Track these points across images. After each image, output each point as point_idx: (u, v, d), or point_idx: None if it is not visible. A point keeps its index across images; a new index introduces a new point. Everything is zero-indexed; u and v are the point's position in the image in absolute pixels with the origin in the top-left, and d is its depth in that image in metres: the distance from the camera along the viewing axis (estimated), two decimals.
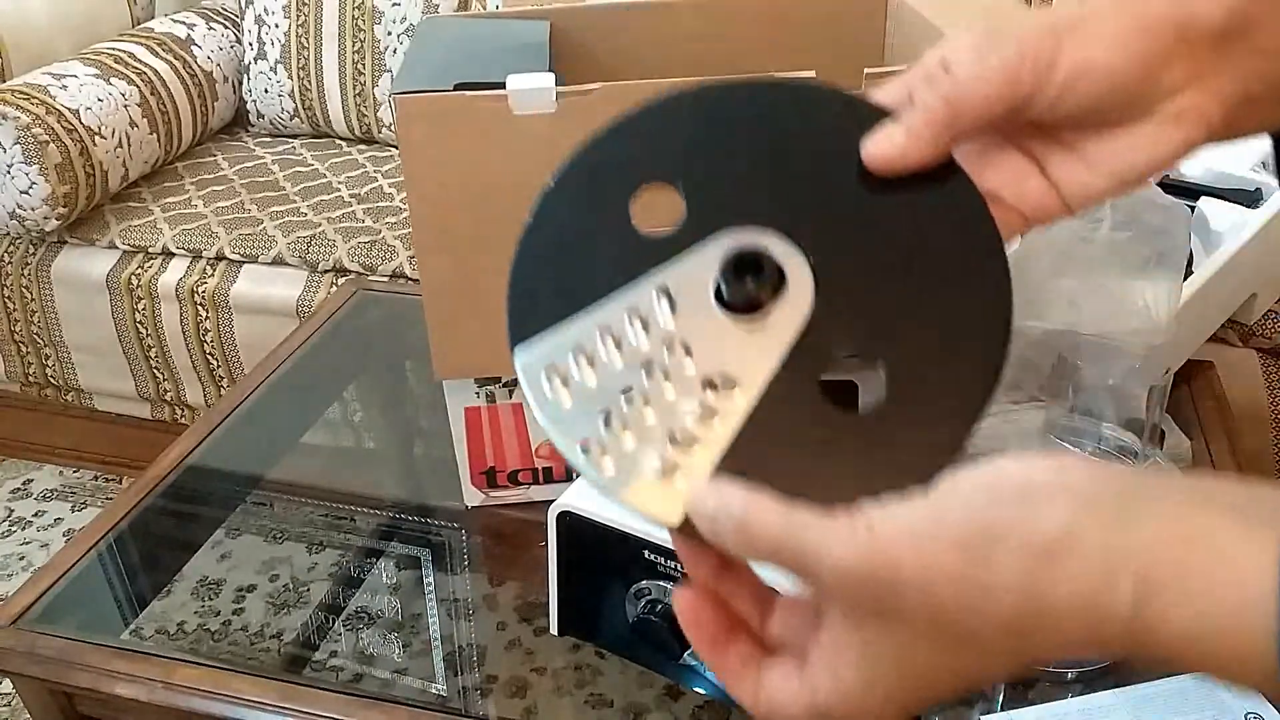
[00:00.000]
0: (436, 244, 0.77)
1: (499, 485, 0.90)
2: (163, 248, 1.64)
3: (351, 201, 1.72)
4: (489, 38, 0.87)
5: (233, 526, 0.93)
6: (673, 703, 0.72)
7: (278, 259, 1.59)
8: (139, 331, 1.67)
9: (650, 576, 0.69)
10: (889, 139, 0.37)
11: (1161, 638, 0.28)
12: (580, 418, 0.36)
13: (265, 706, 0.74)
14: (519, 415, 0.86)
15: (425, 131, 0.73)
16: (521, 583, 0.84)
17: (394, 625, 0.81)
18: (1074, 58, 0.35)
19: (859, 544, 0.31)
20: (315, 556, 0.89)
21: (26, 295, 1.70)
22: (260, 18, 1.92)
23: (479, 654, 0.78)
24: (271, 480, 0.99)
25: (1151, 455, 0.76)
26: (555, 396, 0.37)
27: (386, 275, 1.55)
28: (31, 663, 0.78)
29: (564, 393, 0.37)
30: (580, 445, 0.36)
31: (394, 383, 1.18)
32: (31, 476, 1.90)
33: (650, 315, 0.37)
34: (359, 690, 0.75)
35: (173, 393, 1.72)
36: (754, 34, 0.94)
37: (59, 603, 0.83)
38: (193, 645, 0.80)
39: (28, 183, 1.58)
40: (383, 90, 1.87)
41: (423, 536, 0.90)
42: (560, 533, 0.72)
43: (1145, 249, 0.82)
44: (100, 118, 1.67)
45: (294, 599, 0.84)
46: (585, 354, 0.37)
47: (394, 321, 1.29)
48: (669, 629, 0.67)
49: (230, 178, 1.82)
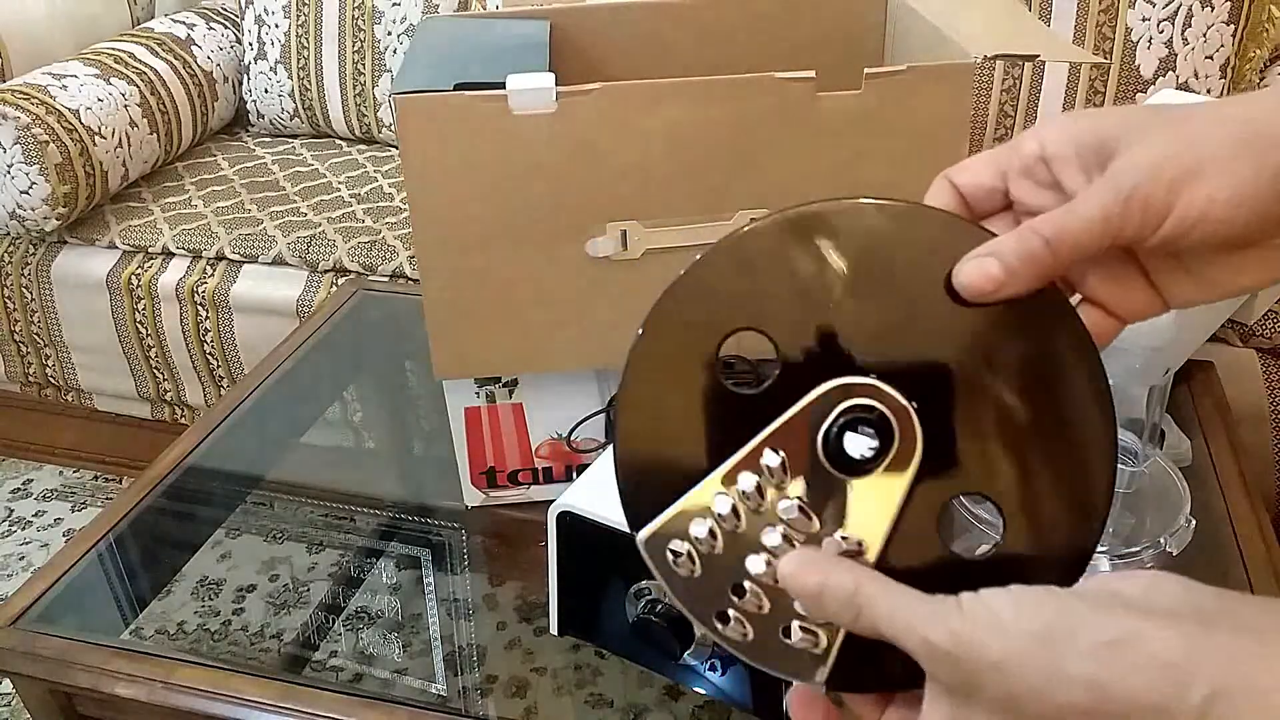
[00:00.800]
0: (436, 244, 0.77)
1: (499, 485, 0.90)
2: (163, 248, 1.64)
3: (351, 201, 1.72)
4: (489, 37, 0.87)
5: (233, 526, 0.93)
6: (673, 703, 0.72)
7: (278, 259, 1.59)
8: (139, 331, 1.67)
9: (650, 577, 0.68)
10: (983, 271, 0.36)
11: None
12: (710, 589, 0.37)
13: (265, 706, 0.74)
14: (519, 415, 0.86)
15: (425, 131, 0.73)
16: (521, 583, 0.84)
17: (394, 625, 0.81)
18: (1188, 211, 0.35)
19: (950, 625, 0.32)
20: (315, 556, 0.89)
21: (26, 295, 1.70)
22: (260, 18, 1.92)
23: (479, 654, 0.78)
24: (271, 480, 0.99)
25: (1151, 455, 0.76)
26: (683, 571, 0.38)
27: (386, 275, 1.55)
28: (31, 663, 0.78)
29: (691, 567, 0.38)
30: (716, 616, 0.37)
31: (394, 383, 1.18)
32: (31, 476, 1.90)
33: (764, 479, 0.37)
34: (359, 690, 0.75)
35: (173, 393, 1.72)
36: (754, 34, 0.94)
37: (59, 603, 0.83)
38: (193, 645, 0.80)
39: (28, 183, 1.58)
40: (383, 90, 1.87)
41: (423, 536, 0.90)
42: (560, 533, 0.72)
43: None
44: (100, 118, 1.67)
45: (294, 599, 0.84)
46: (706, 526, 0.37)
47: (394, 321, 1.29)
48: (669, 629, 0.67)
49: (230, 178, 1.82)
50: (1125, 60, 1.52)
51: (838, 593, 0.34)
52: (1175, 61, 1.50)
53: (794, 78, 0.73)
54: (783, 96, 0.74)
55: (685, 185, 0.76)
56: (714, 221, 0.77)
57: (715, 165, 0.75)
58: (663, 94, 0.73)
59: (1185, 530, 0.68)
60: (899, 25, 0.92)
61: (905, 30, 0.90)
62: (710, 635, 0.37)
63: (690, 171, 0.75)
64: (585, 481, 0.72)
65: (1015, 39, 0.80)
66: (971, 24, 0.81)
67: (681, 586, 0.37)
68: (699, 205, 0.76)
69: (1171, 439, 0.93)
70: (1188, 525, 0.68)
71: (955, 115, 0.76)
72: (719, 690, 0.70)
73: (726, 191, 0.76)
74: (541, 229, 0.77)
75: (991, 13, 0.86)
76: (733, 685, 0.69)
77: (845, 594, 0.34)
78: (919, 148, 0.76)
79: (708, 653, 0.69)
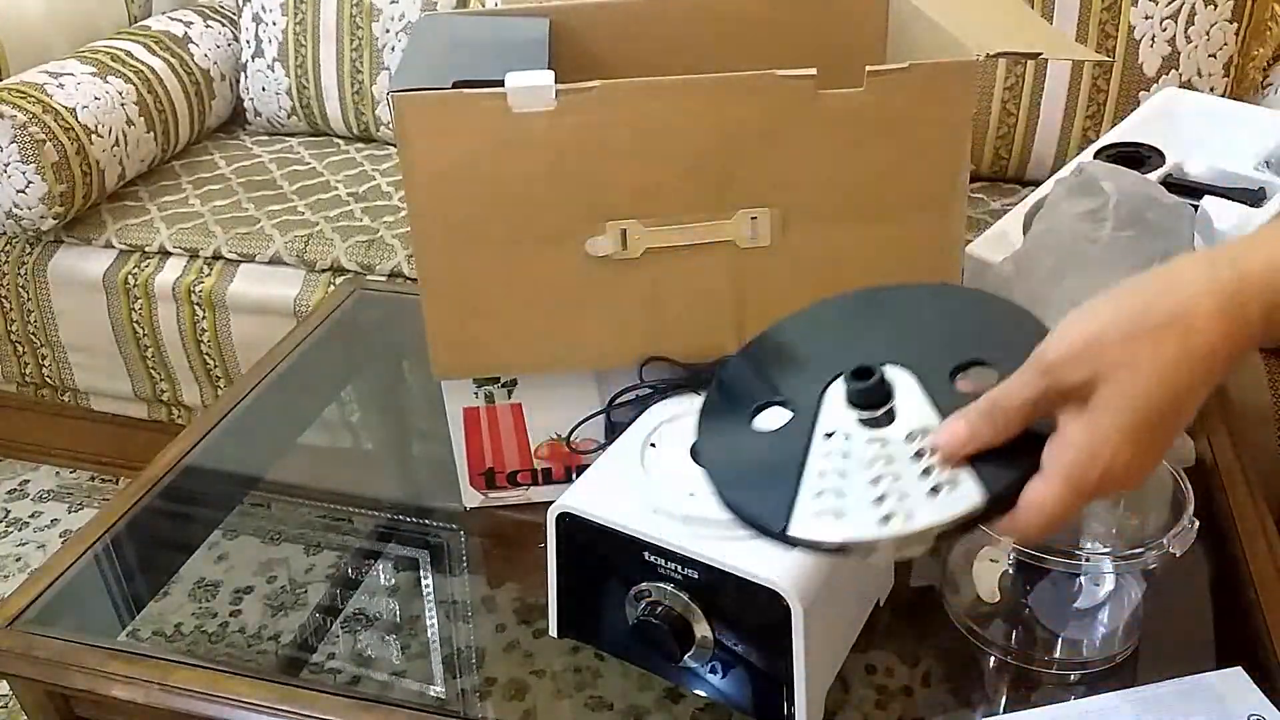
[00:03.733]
0: (435, 243, 0.77)
1: (498, 486, 0.89)
2: (159, 247, 1.63)
3: (349, 200, 1.71)
4: (488, 35, 0.87)
5: (230, 528, 0.92)
6: (673, 705, 0.72)
7: (275, 258, 1.59)
8: (136, 331, 1.66)
9: (650, 578, 0.68)
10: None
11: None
12: (864, 512, 0.50)
13: (262, 709, 0.73)
14: (518, 416, 0.86)
15: (423, 130, 0.73)
16: (520, 584, 0.83)
17: (392, 627, 0.81)
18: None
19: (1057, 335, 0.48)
20: (313, 558, 0.88)
21: (23, 295, 1.70)
22: (258, 15, 1.91)
23: (478, 656, 0.78)
24: (269, 481, 0.99)
25: None
26: (837, 518, 0.51)
27: (384, 275, 1.54)
28: (28, 664, 0.78)
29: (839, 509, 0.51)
30: (880, 519, 0.50)
31: (392, 383, 1.18)
32: (28, 477, 1.90)
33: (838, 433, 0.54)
34: (357, 692, 0.75)
35: (169, 393, 1.71)
36: (754, 33, 0.94)
37: (56, 604, 0.83)
38: (190, 647, 0.80)
39: (24, 181, 1.57)
40: (381, 88, 1.87)
41: (421, 538, 0.90)
42: (560, 534, 0.71)
43: (1149, 248, 0.81)
44: (97, 116, 1.66)
45: (291, 601, 0.84)
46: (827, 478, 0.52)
47: (392, 321, 1.28)
48: (669, 631, 0.67)
49: (227, 176, 1.82)
50: (1128, 58, 1.52)
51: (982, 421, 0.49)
52: (1178, 60, 1.50)
53: (794, 76, 0.73)
54: (783, 95, 0.73)
55: (685, 185, 0.75)
56: (714, 221, 0.76)
57: (715, 165, 0.75)
58: (663, 93, 0.73)
59: (1189, 531, 0.68)
60: (901, 23, 0.92)
61: (907, 28, 0.90)
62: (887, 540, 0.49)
63: (690, 171, 0.75)
64: (585, 482, 0.72)
65: (1018, 37, 0.80)
66: (974, 21, 0.80)
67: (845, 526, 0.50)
68: (699, 205, 0.76)
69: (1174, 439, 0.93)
70: (1191, 526, 0.68)
71: (957, 114, 0.75)
72: (719, 693, 0.70)
73: (726, 191, 0.76)
74: (541, 228, 0.76)
75: (994, 10, 0.85)
76: (733, 688, 0.69)
77: (987, 413, 0.49)
78: (921, 146, 0.76)
79: (708, 655, 0.69)
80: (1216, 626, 0.77)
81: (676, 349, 0.80)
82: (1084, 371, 0.46)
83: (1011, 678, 0.74)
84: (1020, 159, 1.61)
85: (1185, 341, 0.44)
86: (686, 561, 0.66)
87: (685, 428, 0.74)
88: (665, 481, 0.70)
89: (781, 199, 0.76)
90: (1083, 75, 1.54)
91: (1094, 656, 0.73)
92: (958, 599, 0.77)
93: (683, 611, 0.67)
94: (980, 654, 0.75)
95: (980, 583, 0.76)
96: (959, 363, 0.54)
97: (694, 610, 0.67)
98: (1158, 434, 0.46)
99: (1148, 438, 0.45)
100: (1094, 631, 0.74)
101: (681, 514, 0.67)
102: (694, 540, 0.66)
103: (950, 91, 0.74)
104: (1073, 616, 0.74)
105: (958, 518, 0.49)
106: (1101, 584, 0.73)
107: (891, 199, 0.77)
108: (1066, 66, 1.54)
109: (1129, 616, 0.74)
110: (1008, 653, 0.74)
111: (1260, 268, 0.44)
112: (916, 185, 0.77)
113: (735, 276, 0.78)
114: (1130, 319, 0.45)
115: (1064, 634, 0.74)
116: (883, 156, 0.76)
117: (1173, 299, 0.45)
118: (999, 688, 0.73)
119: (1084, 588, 0.73)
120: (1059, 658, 0.74)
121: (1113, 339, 0.45)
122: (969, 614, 0.76)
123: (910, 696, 0.72)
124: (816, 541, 0.50)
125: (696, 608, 0.67)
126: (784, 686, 0.66)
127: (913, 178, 0.77)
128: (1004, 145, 1.61)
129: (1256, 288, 0.44)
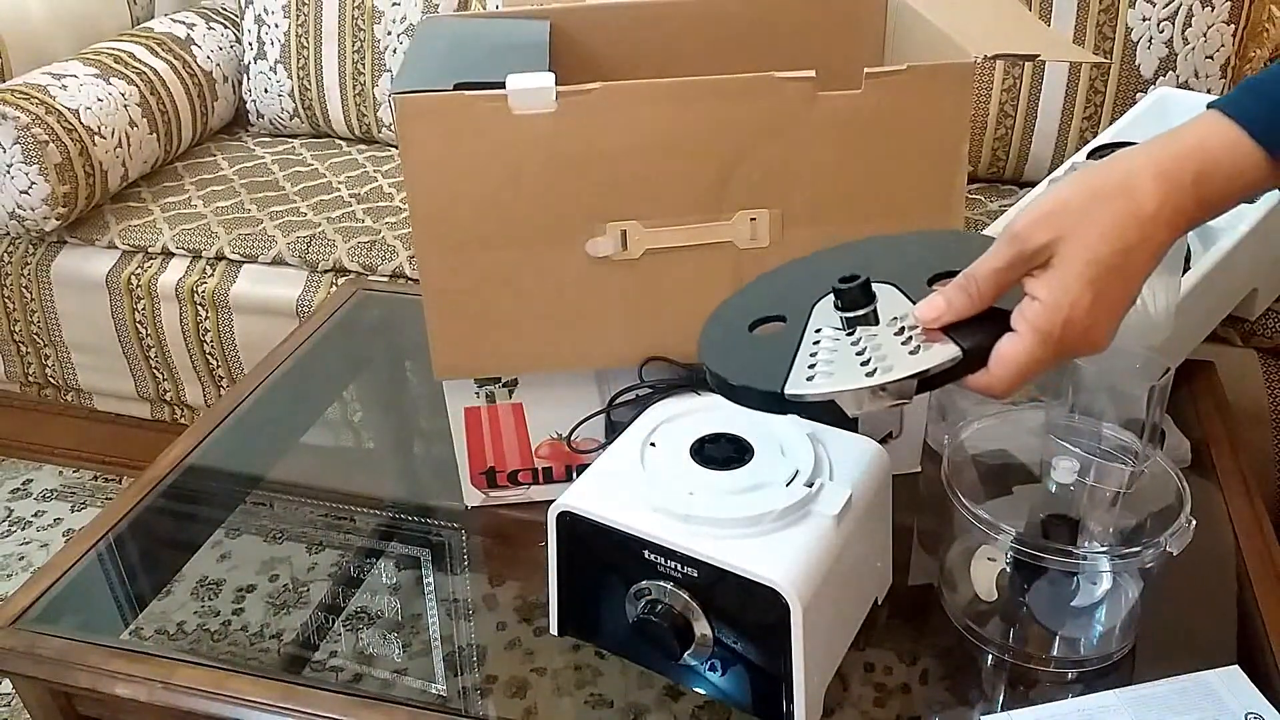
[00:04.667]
0: (436, 244, 0.77)
1: (499, 485, 0.90)
2: (162, 248, 1.64)
3: (351, 201, 1.72)
4: (489, 37, 0.87)
5: (232, 526, 0.93)
6: (673, 703, 0.72)
7: (277, 259, 1.59)
8: (139, 331, 1.67)
9: (650, 576, 0.68)
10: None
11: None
12: (850, 370, 0.57)
13: (265, 707, 0.74)
14: (518, 415, 0.86)
15: (425, 131, 0.73)
16: (521, 583, 0.84)
17: (394, 625, 0.81)
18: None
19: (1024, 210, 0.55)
20: (315, 556, 0.89)
21: (26, 295, 1.70)
22: (260, 17, 1.92)
23: (479, 654, 0.78)
24: (271, 480, 0.99)
25: (1151, 455, 0.76)
26: (828, 377, 0.57)
27: (386, 275, 1.55)
28: (31, 663, 0.78)
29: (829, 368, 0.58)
30: (865, 375, 0.56)
31: (394, 383, 1.18)
32: (31, 476, 1.90)
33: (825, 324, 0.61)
34: (359, 690, 0.75)
35: (172, 393, 1.72)
36: (754, 34, 0.94)
37: (59, 603, 0.83)
38: (192, 645, 0.80)
39: (27, 182, 1.58)
40: (382, 90, 1.87)
41: (422, 536, 0.90)
42: (560, 533, 0.72)
43: None
44: (100, 117, 1.67)
45: (294, 599, 0.84)
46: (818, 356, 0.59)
47: (394, 321, 1.29)
48: (669, 629, 0.67)
49: (230, 177, 1.82)
50: (1125, 60, 1.52)
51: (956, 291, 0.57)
52: (1175, 61, 1.50)
53: (794, 78, 0.73)
54: (783, 96, 0.74)
55: (685, 185, 0.76)
56: (714, 221, 0.77)
57: (715, 165, 0.75)
58: (663, 94, 0.73)
59: (1185, 530, 0.68)
60: (899, 25, 0.92)
61: (905, 30, 0.90)
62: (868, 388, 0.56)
63: (690, 171, 0.75)
64: (585, 481, 0.72)
65: (1015, 38, 0.80)
66: (971, 24, 0.81)
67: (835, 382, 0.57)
68: (699, 205, 0.76)
69: (1171, 439, 0.93)
70: (1188, 525, 0.68)
71: (955, 115, 0.76)
72: (719, 690, 0.70)
73: (726, 191, 0.76)
74: (541, 229, 0.76)
75: (992, 12, 0.86)
76: (733, 685, 0.69)
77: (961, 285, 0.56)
78: (919, 148, 0.76)
79: (708, 653, 0.69)
80: (1213, 625, 0.77)
81: (676, 349, 0.81)
82: (1047, 233, 0.53)
83: (1009, 676, 0.74)
84: (1018, 160, 1.62)
85: (1130, 203, 0.53)
86: (686, 560, 0.66)
87: (685, 427, 0.75)
88: (665, 481, 0.70)
89: (781, 200, 0.77)
90: (1080, 77, 1.54)
91: (1091, 655, 0.74)
92: (956, 597, 0.78)
93: (682, 610, 0.68)
94: (978, 652, 0.75)
95: (978, 581, 0.76)
96: (935, 273, 0.61)
97: (694, 608, 0.68)
98: (1114, 284, 0.53)
99: (1104, 287, 0.53)
100: (1091, 630, 0.74)
101: (681, 513, 0.67)
102: (694, 539, 0.66)
103: (948, 93, 0.75)
104: (1070, 615, 0.74)
105: (935, 365, 0.55)
106: (1099, 583, 0.74)
107: (890, 200, 0.77)
108: (1064, 68, 1.54)
109: (1126, 615, 0.74)
110: (1005, 651, 0.75)
111: (1192, 142, 0.54)
112: (915, 186, 0.77)
113: (735, 277, 0.78)
114: (1086, 190, 0.54)
115: (1062, 632, 0.75)
116: (881, 158, 0.76)
117: (1120, 172, 0.54)
118: (996, 686, 0.74)
119: (1081, 586, 0.74)
120: (1056, 656, 0.74)
121: (1072, 206, 0.53)
122: (967, 612, 0.77)
123: (908, 694, 0.73)
124: (809, 397, 0.57)
125: (696, 606, 0.68)
126: (783, 684, 0.66)
127: (911, 179, 0.77)
128: (1001, 147, 1.61)
129: (1187, 158, 0.53)
